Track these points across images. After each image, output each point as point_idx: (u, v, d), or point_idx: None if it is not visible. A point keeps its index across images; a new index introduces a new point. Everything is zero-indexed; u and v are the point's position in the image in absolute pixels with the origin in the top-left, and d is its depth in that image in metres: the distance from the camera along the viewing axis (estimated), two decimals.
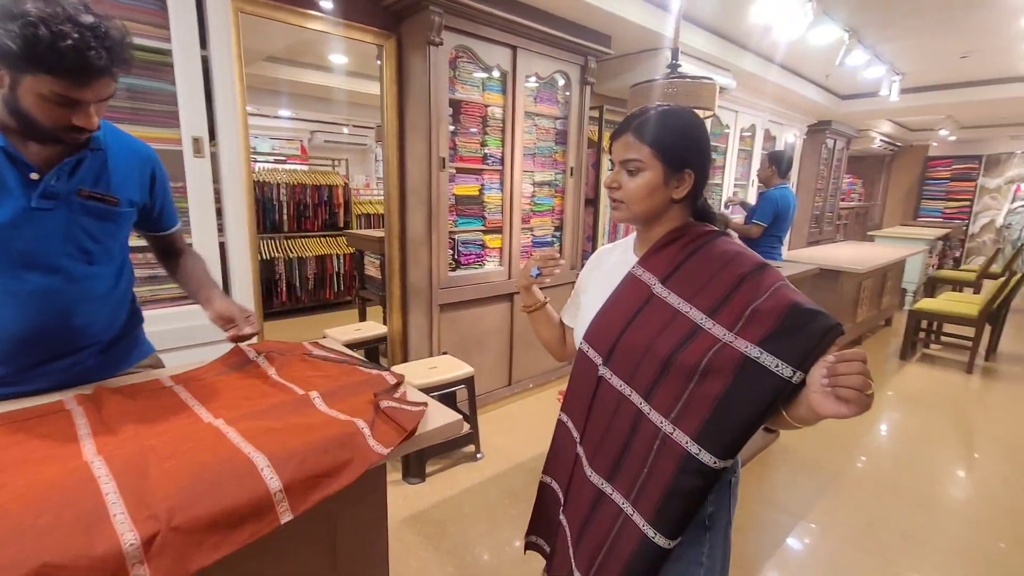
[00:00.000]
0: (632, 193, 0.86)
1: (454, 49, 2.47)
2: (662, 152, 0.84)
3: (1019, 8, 3.08)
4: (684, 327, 0.80)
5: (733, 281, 0.79)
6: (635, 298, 0.88)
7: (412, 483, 2.24)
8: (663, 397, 0.79)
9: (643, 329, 0.84)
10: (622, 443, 0.84)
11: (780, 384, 0.70)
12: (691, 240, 0.87)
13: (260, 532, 0.67)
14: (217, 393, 0.99)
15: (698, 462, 0.74)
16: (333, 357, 1.18)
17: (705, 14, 3.24)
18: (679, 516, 0.77)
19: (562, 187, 3.19)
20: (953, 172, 8.56)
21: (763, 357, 0.72)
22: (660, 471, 0.78)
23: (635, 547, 0.80)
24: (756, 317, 0.75)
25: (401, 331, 2.79)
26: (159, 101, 1.77)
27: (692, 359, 0.76)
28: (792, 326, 0.72)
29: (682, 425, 0.76)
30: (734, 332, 0.75)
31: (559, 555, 0.97)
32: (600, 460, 0.87)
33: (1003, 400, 3.41)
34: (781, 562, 1.85)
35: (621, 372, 0.85)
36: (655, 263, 0.89)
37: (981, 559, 1.88)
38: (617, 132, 0.90)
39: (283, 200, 4.82)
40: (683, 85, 2.10)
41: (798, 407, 0.71)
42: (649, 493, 0.79)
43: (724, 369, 0.74)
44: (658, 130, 0.85)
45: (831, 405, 0.63)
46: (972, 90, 4.99)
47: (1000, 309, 4.12)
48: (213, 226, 1.89)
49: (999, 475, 2.49)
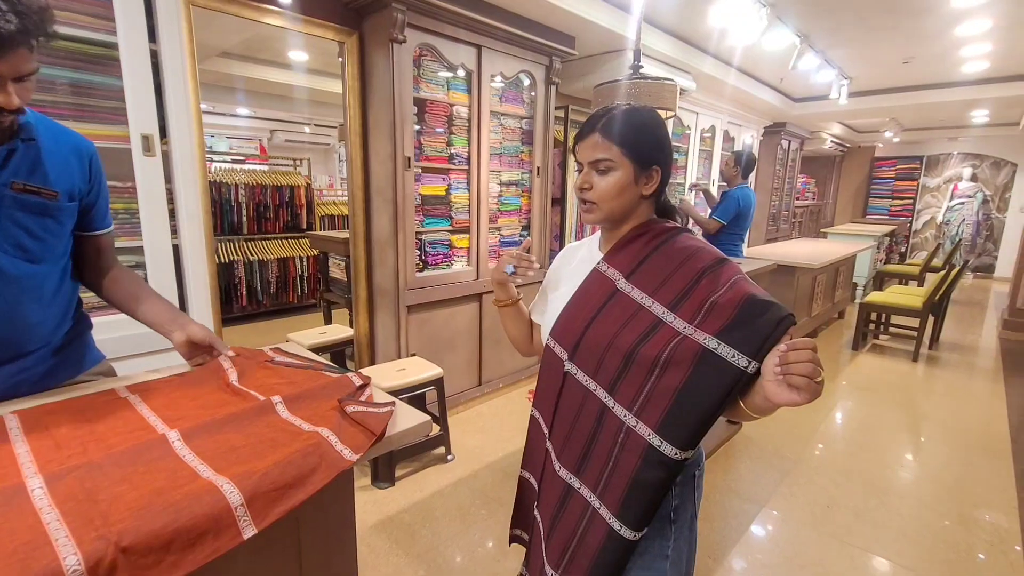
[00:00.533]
0: (604, 193, 0.87)
1: (418, 47, 2.44)
2: (631, 150, 0.85)
3: (955, 17, 3.28)
4: (646, 321, 0.81)
5: (693, 275, 0.81)
6: (600, 294, 0.89)
7: (381, 487, 2.20)
8: (626, 390, 0.80)
9: (607, 324, 0.84)
10: (588, 437, 0.85)
11: (736, 374, 0.72)
12: (654, 236, 0.89)
13: (221, 549, 0.63)
14: (175, 404, 0.94)
15: (660, 454, 0.75)
16: (296, 363, 1.14)
17: (666, 17, 3.32)
18: (643, 508, 0.78)
19: (529, 187, 3.20)
20: (897, 172, 9.07)
21: (720, 348, 0.73)
22: (624, 464, 0.79)
23: (602, 540, 0.81)
24: (714, 310, 0.76)
25: (368, 333, 2.74)
26: (105, 96, 1.68)
27: (653, 352, 0.78)
28: (747, 317, 0.74)
29: (644, 417, 0.77)
30: (694, 325, 0.77)
31: (534, 548, 0.98)
32: (568, 454, 0.88)
33: (945, 386, 3.62)
34: (746, 548, 1.91)
35: (586, 367, 0.86)
36: (620, 259, 0.90)
37: (928, 536, 2.00)
38: (583, 133, 0.90)
39: (242, 201, 4.66)
40: (646, 86, 2.14)
41: (754, 397, 0.72)
42: (614, 486, 0.80)
43: (683, 361, 0.75)
44: (626, 129, 0.86)
45: (783, 393, 0.65)
46: (913, 94, 5.29)
47: (942, 300, 4.38)
48: (166, 228, 1.80)
49: (942, 456, 2.64)
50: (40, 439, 0.81)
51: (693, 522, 0.91)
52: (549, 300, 1.03)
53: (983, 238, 8.27)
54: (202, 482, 0.68)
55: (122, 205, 1.74)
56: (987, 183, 8.24)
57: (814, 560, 1.84)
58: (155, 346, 1.71)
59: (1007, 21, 3.32)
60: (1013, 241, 7.13)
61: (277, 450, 0.77)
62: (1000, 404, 3.30)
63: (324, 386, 1.01)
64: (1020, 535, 2.01)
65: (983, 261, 8.37)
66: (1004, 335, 4.88)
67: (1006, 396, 3.43)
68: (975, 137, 8.06)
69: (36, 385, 1.00)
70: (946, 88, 5.09)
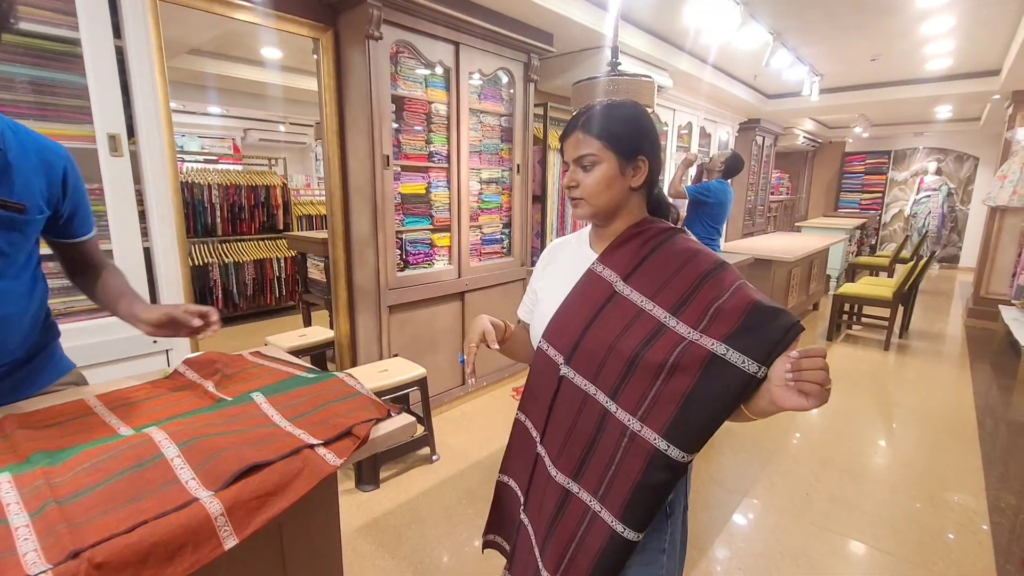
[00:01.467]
0: (591, 187, 0.86)
1: (395, 44, 2.41)
2: (613, 142, 0.85)
3: (920, 16, 3.38)
4: (648, 325, 0.80)
5: (694, 279, 0.81)
6: (597, 296, 0.87)
7: (366, 490, 2.17)
8: (629, 395, 0.79)
9: (606, 327, 0.83)
10: (587, 442, 0.84)
11: (746, 379, 0.72)
12: (651, 237, 0.88)
13: (201, 562, 0.61)
14: (148, 410, 0.91)
15: (667, 457, 0.75)
16: (280, 368, 1.11)
17: (643, 15, 3.34)
18: (647, 510, 0.78)
19: (509, 184, 3.20)
20: (867, 166, 9.33)
21: (729, 354, 0.73)
22: (628, 468, 0.78)
23: (604, 542, 0.80)
24: (720, 315, 0.76)
25: (349, 335, 2.71)
26: (68, 95, 1.61)
27: (659, 357, 0.77)
28: (756, 323, 0.74)
29: (649, 422, 0.77)
30: (699, 330, 0.77)
31: (520, 554, 0.96)
32: (565, 460, 0.87)
33: (915, 373, 3.75)
34: (729, 537, 1.95)
35: (585, 371, 0.84)
36: (616, 260, 0.88)
37: (901, 518, 2.06)
38: (566, 132, 0.90)
39: (216, 202, 4.55)
40: (623, 83, 2.16)
41: (758, 400, 0.73)
42: (618, 489, 0.79)
43: (691, 366, 0.75)
44: (605, 121, 0.86)
45: (793, 398, 0.66)
46: (881, 90, 5.44)
47: (910, 291, 4.53)
48: (136, 230, 1.75)
49: (913, 441, 2.73)
50: (5, 452, 0.78)
51: (685, 513, 0.92)
52: (539, 299, 1.01)
53: (948, 230, 8.57)
54: (181, 492, 0.66)
55: None
56: (951, 177, 8.54)
57: (795, 547, 1.89)
58: (124, 353, 1.66)
59: (968, 19, 3.43)
60: (976, 232, 7.40)
61: (258, 446, 0.76)
62: (967, 390, 3.43)
63: (307, 389, 0.99)
64: (987, 514, 2.09)
65: (949, 252, 8.67)
66: (969, 323, 5.07)
67: (972, 382, 3.56)
68: (940, 132, 8.34)
69: (3, 399, 0.96)
70: (912, 85, 5.25)
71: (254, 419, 0.86)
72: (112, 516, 0.61)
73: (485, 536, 1.09)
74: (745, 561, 1.82)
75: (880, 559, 1.84)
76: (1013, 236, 4.70)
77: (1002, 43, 3.90)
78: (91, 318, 1.68)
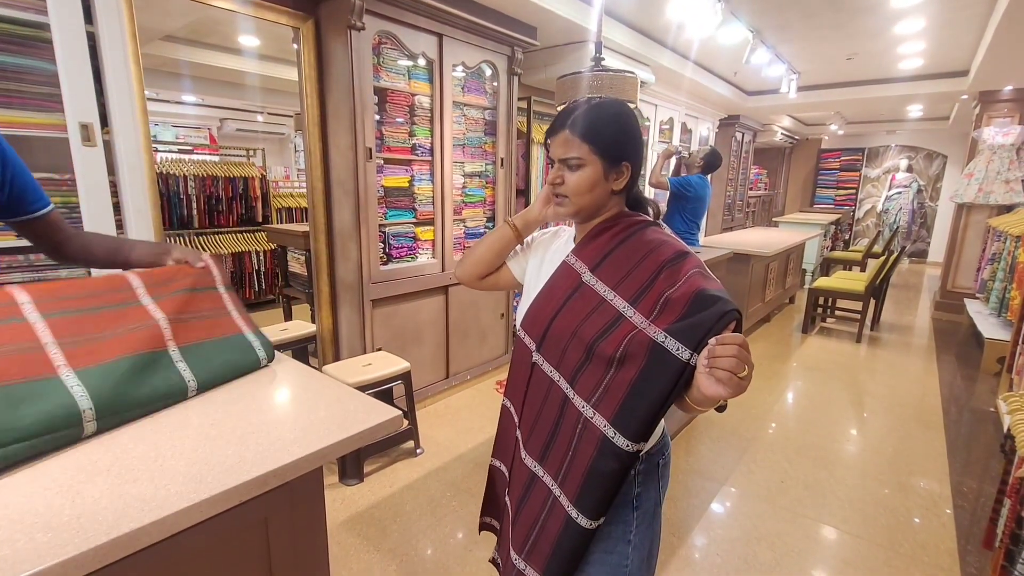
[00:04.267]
0: (575, 188, 0.88)
1: (377, 35, 2.38)
2: (600, 148, 0.86)
3: (894, 16, 3.46)
4: (608, 315, 0.83)
5: (653, 270, 0.83)
6: (566, 285, 0.90)
7: (350, 484, 2.17)
8: (585, 382, 0.82)
9: (572, 315, 0.86)
10: (551, 427, 0.86)
11: (680, 366, 0.73)
12: (622, 229, 0.90)
13: None
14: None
15: (613, 445, 0.77)
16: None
17: (625, 10, 3.36)
18: (598, 498, 0.80)
19: (493, 178, 3.20)
20: (842, 163, 9.55)
21: (667, 341, 0.74)
22: (582, 454, 0.81)
23: (561, 527, 0.83)
24: (668, 305, 0.78)
25: (332, 329, 2.68)
26: (36, 82, 1.56)
27: (612, 346, 0.79)
28: (694, 311, 0.75)
29: (600, 409, 0.79)
30: (649, 320, 0.78)
31: (504, 534, 1.00)
32: (533, 443, 0.90)
33: (885, 365, 3.88)
34: (707, 525, 2.00)
35: (551, 358, 0.87)
36: (587, 252, 0.91)
37: (870, 503, 2.15)
38: (554, 129, 0.90)
39: (192, 194, 4.44)
40: (607, 78, 2.17)
41: (692, 390, 0.73)
42: (573, 475, 0.82)
43: (637, 355, 0.76)
44: (594, 125, 0.86)
45: (710, 385, 0.65)
46: (856, 89, 5.57)
47: (882, 285, 4.67)
48: (110, 222, 1.70)
49: (883, 429, 2.83)
50: None
51: (657, 510, 0.93)
52: (526, 288, 1.04)
53: (918, 225, 8.84)
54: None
55: (60, 199, 1.63)
56: (921, 174, 8.80)
57: (770, 532, 1.95)
58: None
59: (939, 21, 3.54)
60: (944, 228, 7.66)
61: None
62: (933, 380, 3.57)
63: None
64: (951, 499, 2.19)
65: (918, 247, 8.95)
66: (936, 316, 5.26)
67: (938, 372, 3.71)
68: (911, 131, 8.58)
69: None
70: (885, 84, 5.39)
71: (119, 294, 0.92)
72: None
73: (481, 518, 1.12)
74: (723, 547, 1.88)
75: (851, 542, 1.92)
76: (978, 232, 4.88)
77: (970, 45, 4.03)
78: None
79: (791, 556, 1.84)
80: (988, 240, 4.42)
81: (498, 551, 1.05)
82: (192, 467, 0.74)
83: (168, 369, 0.91)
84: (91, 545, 0.58)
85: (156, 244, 1.17)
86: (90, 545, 0.58)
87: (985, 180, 4.63)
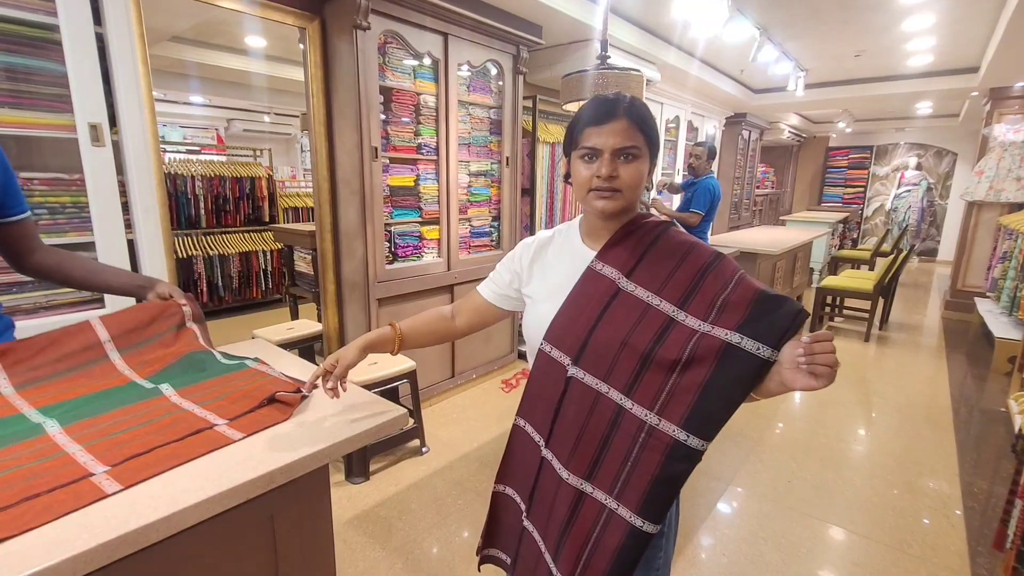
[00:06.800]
0: (631, 180, 0.84)
1: (383, 34, 2.38)
2: (651, 140, 0.86)
3: (903, 12, 3.43)
4: (658, 320, 0.82)
5: (696, 272, 0.83)
6: (600, 294, 0.87)
7: (355, 483, 2.18)
8: (646, 390, 0.80)
9: (615, 325, 0.84)
10: (600, 441, 0.84)
11: (760, 364, 0.75)
12: (647, 232, 0.89)
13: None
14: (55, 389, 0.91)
15: (687, 448, 0.77)
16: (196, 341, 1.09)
17: (631, 8, 3.35)
18: (665, 502, 0.80)
19: (498, 177, 3.20)
20: (850, 161, 9.47)
21: (744, 342, 0.76)
22: (646, 462, 0.79)
23: (622, 539, 0.81)
24: (728, 306, 0.79)
25: (337, 328, 2.70)
26: (46, 83, 1.58)
27: (674, 351, 0.79)
28: (764, 311, 0.77)
29: (667, 415, 0.78)
30: (708, 322, 0.79)
31: (525, 562, 0.96)
32: (578, 461, 0.86)
33: (894, 364, 3.84)
34: (714, 524, 1.99)
35: (595, 370, 0.84)
36: (615, 257, 0.89)
37: (879, 504, 2.13)
38: (601, 117, 0.84)
39: (199, 194, 4.48)
40: (613, 76, 2.16)
41: (767, 383, 0.76)
42: (635, 484, 0.80)
43: (706, 357, 0.77)
44: (648, 118, 0.86)
45: (802, 379, 0.70)
46: (864, 86, 5.52)
47: (890, 283, 4.63)
48: (119, 222, 1.72)
49: (891, 429, 2.81)
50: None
51: (679, 495, 0.95)
52: (533, 301, 0.99)
53: (927, 224, 8.75)
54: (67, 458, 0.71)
55: (70, 199, 1.65)
56: (931, 172, 8.71)
57: (777, 532, 1.94)
58: None
59: (949, 17, 3.49)
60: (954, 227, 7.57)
61: (165, 435, 0.79)
62: (943, 379, 3.53)
63: (218, 380, 0.99)
64: (960, 500, 2.17)
65: (927, 246, 8.86)
66: (946, 315, 5.20)
67: (948, 372, 3.67)
68: (920, 128, 8.49)
69: None
70: (894, 81, 5.33)
71: (162, 408, 0.88)
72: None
73: (483, 551, 1.07)
74: (729, 547, 1.87)
75: (859, 543, 1.90)
76: (989, 230, 4.82)
77: (981, 41, 3.98)
78: (35, 317, 1.61)
79: (798, 556, 1.82)
80: (999, 238, 4.37)
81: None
82: (199, 464, 0.74)
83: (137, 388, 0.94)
84: (100, 541, 0.59)
85: (139, 276, 1.17)
86: (99, 541, 0.59)
87: (996, 178, 4.57)
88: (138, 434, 0.78)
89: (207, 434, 0.80)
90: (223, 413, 0.86)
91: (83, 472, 0.69)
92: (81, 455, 0.73)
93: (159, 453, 0.74)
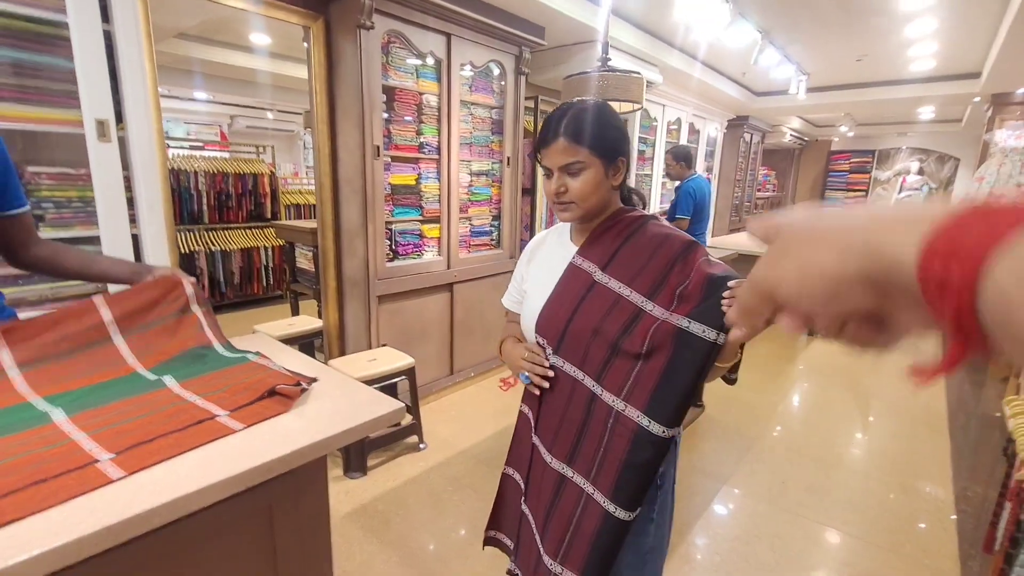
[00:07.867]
0: (580, 192, 0.89)
1: (386, 34, 2.40)
2: (599, 149, 0.88)
3: (904, 17, 3.44)
4: (628, 310, 0.85)
5: (666, 264, 0.86)
6: (578, 287, 0.92)
7: (353, 477, 2.20)
8: (614, 377, 0.84)
9: (589, 315, 0.88)
10: (578, 426, 0.88)
11: (708, 347, 0.78)
12: (625, 226, 0.93)
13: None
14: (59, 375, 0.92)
15: (649, 434, 0.80)
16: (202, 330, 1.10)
17: (633, 10, 3.36)
18: (635, 489, 0.82)
19: (499, 176, 3.21)
20: (852, 165, 9.47)
21: (691, 326, 0.79)
22: (616, 448, 0.83)
23: (598, 523, 0.84)
24: (684, 296, 0.82)
25: (338, 324, 2.72)
26: (54, 79, 1.60)
27: (638, 339, 0.82)
28: (710, 294, 0.80)
29: (632, 401, 0.82)
30: (670, 311, 0.82)
31: (524, 545, 0.99)
32: (560, 445, 0.91)
33: (891, 368, 3.85)
34: (707, 524, 2.01)
35: (572, 358, 0.89)
36: (594, 252, 0.93)
37: (874, 507, 2.14)
38: (545, 140, 0.90)
39: (202, 190, 4.50)
40: (614, 78, 2.18)
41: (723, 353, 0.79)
42: (607, 470, 0.83)
43: (664, 344, 0.80)
44: (591, 128, 0.88)
45: (733, 332, 0.72)
46: (866, 90, 5.53)
47: None
48: (124, 217, 1.74)
49: (888, 433, 2.82)
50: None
51: (673, 486, 0.97)
52: (527, 293, 1.04)
53: None
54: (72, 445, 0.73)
55: (76, 193, 1.67)
56: (933, 176, 8.71)
57: (771, 533, 1.96)
58: None
59: (951, 22, 3.50)
60: None
61: (168, 424, 0.81)
62: (939, 384, 3.54)
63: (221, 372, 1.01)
64: (954, 504, 2.18)
65: None
66: None
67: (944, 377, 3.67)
68: (922, 133, 8.49)
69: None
70: (896, 85, 5.34)
71: (165, 399, 0.89)
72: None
73: (487, 532, 1.11)
74: (723, 546, 1.89)
75: (851, 544, 1.92)
76: None
77: (983, 46, 3.99)
78: (37, 309, 1.62)
79: (792, 557, 1.84)
80: None
81: (516, 563, 1.03)
82: (200, 452, 0.76)
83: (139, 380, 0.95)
84: (104, 524, 0.61)
85: (136, 264, 1.15)
86: (103, 524, 0.61)
87: (996, 184, 4.57)
88: (142, 423, 0.81)
89: (208, 424, 0.82)
90: (224, 404, 0.88)
91: (89, 459, 0.71)
92: (87, 442, 0.75)
93: (162, 442, 0.76)
